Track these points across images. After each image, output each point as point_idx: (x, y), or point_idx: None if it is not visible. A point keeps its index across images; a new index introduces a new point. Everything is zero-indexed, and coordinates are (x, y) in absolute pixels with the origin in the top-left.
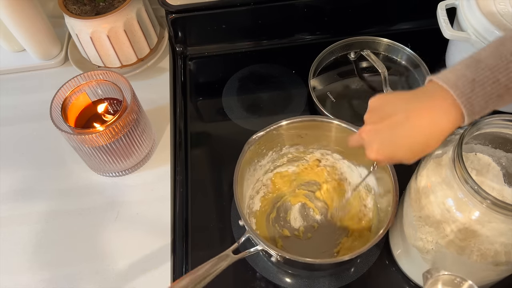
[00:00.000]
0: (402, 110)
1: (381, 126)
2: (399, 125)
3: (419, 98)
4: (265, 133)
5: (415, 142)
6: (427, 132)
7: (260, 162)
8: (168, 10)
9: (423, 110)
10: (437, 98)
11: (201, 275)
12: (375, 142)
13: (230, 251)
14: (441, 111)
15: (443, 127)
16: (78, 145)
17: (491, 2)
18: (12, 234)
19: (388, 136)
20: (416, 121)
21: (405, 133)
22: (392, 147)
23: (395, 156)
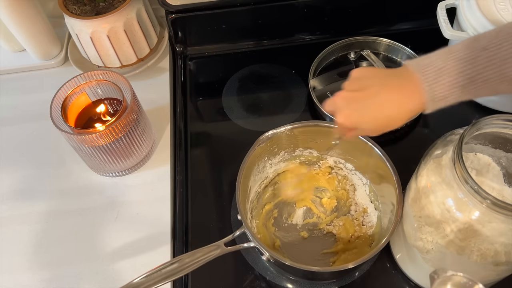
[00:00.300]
0: (376, 84)
1: (356, 95)
2: (370, 97)
3: (393, 77)
4: (278, 132)
5: (379, 115)
6: (392, 109)
7: (270, 160)
8: (168, 10)
9: (394, 88)
10: (407, 80)
11: (189, 261)
12: (346, 108)
13: (222, 242)
14: (407, 93)
15: (407, 108)
16: (78, 145)
17: (491, 2)
18: (12, 234)
19: (358, 105)
20: (385, 96)
21: (373, 105)
22: (359, 115)
23: (359, 124)
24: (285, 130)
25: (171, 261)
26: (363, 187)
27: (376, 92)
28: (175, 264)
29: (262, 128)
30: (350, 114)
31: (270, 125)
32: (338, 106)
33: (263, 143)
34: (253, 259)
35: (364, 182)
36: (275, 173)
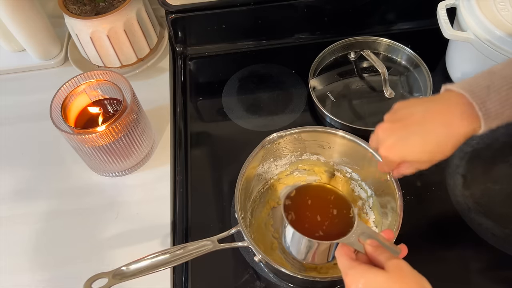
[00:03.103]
0: (419, 111)
1: (398, 125)
2: (414, 125)
3: (435, 102)
4: (285, 135)
5: (427, 143)
6: (440, 135)
7: (276, 162)
8: (168, 10)
9: (439, 112)
10: (452, 103)
11: (182, 253)
12: (389, 139)
13: (216, 238)
14: (456, 115)
15: (457, 132)
16: (78, 145)
17: (491, 2)
18: (12, 234)
19: (402, 135)
20: (431, 122)
21: (419, 133)
22: (405, 146)
23: (406, 156)
24: (292, 133)
25: (162, 251)
26: (365, 195)
27: (420, 119)
28: (167, 255)
29: (262, 128)
30: (394, 145)
31: (270, 125)
32: (380, 138)
33: (269, 144)
34: (253, 259)
35: (369, 194)
36: (280, 175)
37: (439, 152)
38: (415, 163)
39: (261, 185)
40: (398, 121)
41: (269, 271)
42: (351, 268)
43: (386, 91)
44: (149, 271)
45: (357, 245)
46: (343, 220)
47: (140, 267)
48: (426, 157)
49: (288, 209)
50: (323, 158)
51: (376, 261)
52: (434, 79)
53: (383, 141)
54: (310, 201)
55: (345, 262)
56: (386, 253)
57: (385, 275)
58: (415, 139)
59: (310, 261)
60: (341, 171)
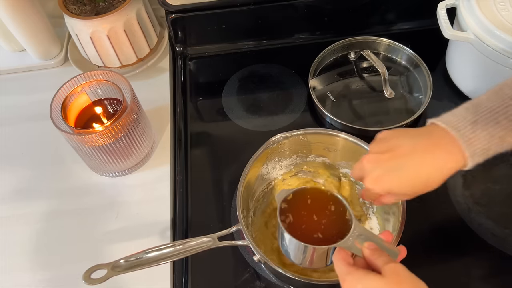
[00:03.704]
0: (407, 144)
1: (385, 157)
2: (403, 157)
3: (424, 136)
4: (291, 136)
5: (416, 176)
6: (430, 169)
7: (281, 162)
8: (168, 10)
9: (428, 147)
10: (441, 138)
11: (181, 249)
12: (375, 171)
13: (216, 236)
14: (446, 151)
15: (446, 167)
16: (78, 145)
17: (491, 2)
18: (12, 234)
19: (389, 167)
20: (420, 156)
21: (407, 167)
22: (392, 178)
23: (392, 188)
24: (298, 135)
25: (161, 246)
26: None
27: (408, 152)
28: (166, 250)
29: (262, 128)
30: (380, 178)
31: (270, 125)
32: (366, 169)
33: (274, 145)
34: (253, 259)
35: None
36: (285, 175)
37: (426, 186)
38: (401, 195)
39: (265, 185)
40: (385, 152)
41: (269, 272)
42: (348, 273)
43: (386, 91)
44: (148, 265)
45: (355, 249)
46: (341, 222)
47: (139, 261)
48: (413, 191)
49: (285, 213)
50: (328, 161)
51: (374, 265)
52: (434, 79)
53: (369, 172)
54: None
55: (342, 268)
56: (384, 257)
57: (382, 281)
58: (403, 173)
59: (307, 265)
60: (346, 174)
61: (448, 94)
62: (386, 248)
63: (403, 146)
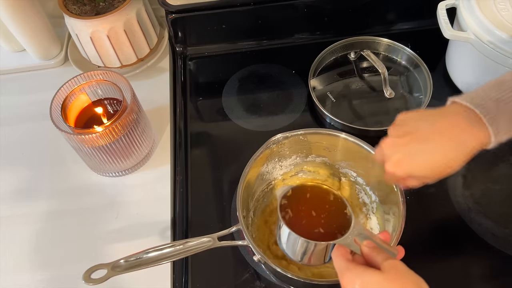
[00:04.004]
0: (426, 126)
1: (404, 140)
2: (422, 140)
3: (443, 116)
4: (291, 136)
5: (435, 159)
6: (450, 150)
7: (281, 162)
8: (168, 10)
9: (447, 127)
10: (461, 117)
11: (181, 249)
12: (395, 155)
13: (216, 235)
14: (465, 130)
15: (467, 147)
16: (78, 145)
17: (491, 2)
18: (12, 234)
19: (409, 150)
20: (439, 137)
21: (427, 149)
22: (412, 161)
23: (413, 171)
24: (298, 135)
25: (161, 246)
26: (369, 200)
27: (427, 134)
28: (166, 250)
29: (262, 128)
30: (401, 161)
31: (270, 125)
32: (385, 154)
33: (274, 145)
34: (253, 259)
35: (373, 199)
36: (285, 175)
37: (447, 167)
38: (423, 178)
39: (265, 185)
40: (403, 136)
41: (269, 272)
42: (347, 269)
43: (386, 91)
44: (148, 265)
45: (354, 246)
46: (340, 220)
47: (139, 261)
48: (434, 173)
49: (284, 209)
50: (329, 161)
51: (372, 262)
52: (434, 79)
53: (389, 157)
54: (306, 202)
55: (341, 263)
56: (383, 254)
57: (381, 276)
58: (423, 156)
59: (306, 262)
60: (346, 174)
61: (448, 94)
62: (385, 247)
63: (421, 129)
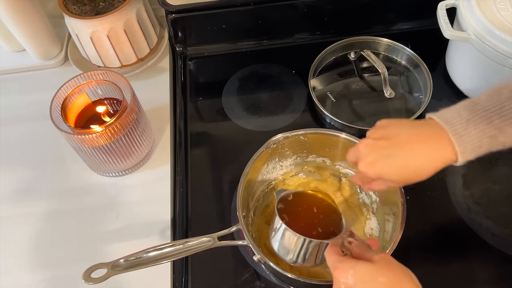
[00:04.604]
0: (403, 133)
1: (381, 143)
2: (397, 146)
3: (421, 127)
4: (291, 136)
5: (407, 166)
6: (422, 160)
7: (281, 162)
8: (168, 10)
9: (423, 138)
10: (436, 132)
11: (181, 248)
12: (370, 156)
13: (216, 235)
14: (439, 144)
15: (438, 160)
16: (78, 145)
17: (491, 2)
18: (12, 234)
19: (384, 153)
20: (415, 146)
21: (401, 155)
22: (385, 164)
23: (383, 174)
24: (298, 135)
25: (161, 245)
26: (369, 200)
27: (404, 141)
28: (166, 249)
29: (262, 128)
30: (374, 163)
31: (270, 125)
32: (361, 153)
33: (274, 145)
34: (253, 259)
35: (373, 199)
36: (285, 175)
37: (416, 175)
38: (389, 182)
39: (265, 185)
40: (381, 139)
41: (269, 272)
42: (340, 262)
43: (386, 91)
44: (148, 264)
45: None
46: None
47: (138, 260)
48: (403, 178)
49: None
50: (329, 161)
51: (363, 258)
52: (434, 79)
53: (364, 156)
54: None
55: (333, 257)
56: (372, 251)
57: (373, 265)
58: (396, 160)
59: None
60: (346, 175)
61: (448, 94)
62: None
63: (399, 136)
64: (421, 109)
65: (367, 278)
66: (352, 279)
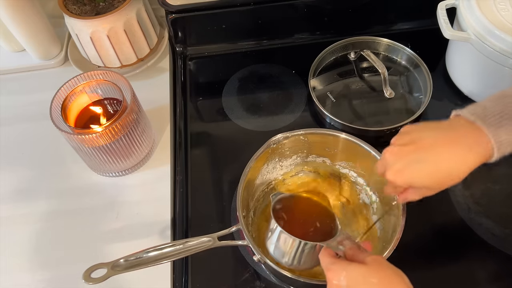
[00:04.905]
0: (429, 137)
1: (407, 149)
2: (425, 150)
3: (446, 128)
4: (291, 136)
5: (438, 170)
6: (452, 163)
7: (281, 162)
8: (168, 10)
9: (451, 139)
10: (464, 130)
11: (181, 248)
12: (397, 163)
13: (216, 235)
14: (468, 144)
15: (469, 160)
16: (78, 145)
17: (491, 2)
18: (12, 234)
19: (411, 159)
20: (442, 149)
21: (430, 159)
22: (413, 171)
23: (414, 181)
24: (298, 135)
25: (161, 245)
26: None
27: (431, 145)
28: (166, 249)
29: (262, 128)
30: (402, 170)
31: (270, 125)
32: (388, 162)
33: (274, 145)
34: (253, 259)
35: (373, 199)
36: (285, 175)
37: (449, 179)
38: (423, 189)
39: (265, 185)
40: (407, 145)
41: (269, 272)
42: (333, 263)
43: (386, 91)
44: (148, 264)
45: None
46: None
47: (138, 260)
48: (435, 183)
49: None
50: (329, 161)
51: (357, 260)
52: (434, 79)
53: (391, 165)
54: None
55: (327, 259)
56: (365, 253)
57: (365, 267)
58: (426, 166)
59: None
60: (346, 175)
61: (448, 94)
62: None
63: (425, 139)
64: (421, 109)
65: (359, 280)
66: (344, 281)
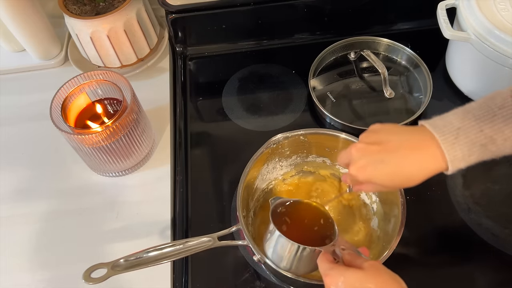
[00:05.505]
0: (395, 140)
1: (373, 148)
2: (389, 152)
3: (413, 135)
4: (291, 136)
5: (398, 173)
6: (412, 167)
7: (281, 162)
8: (168, 10)
9: (415, 146)
10: (427, 140)
11: (181, 248)
12: (362, 160)
13: (216, 235)
14: (430, 152)
15: (428, 168)
16: (78, 145)
17: (491, 2)
18: (12, 234)
19: (375, 158)
20: (406, 153)
21: (392, 161)
22: (376, 170)
23: (373, 179)
24: (298, 135)
25: (161, 245)
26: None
27: (396, 148)
28: (166, 249)
29: (262, 128)
30: (365, 167)
31: (270, 125)
32: (353, 157)
33: (274, 145)
34: (253, 259)
35: (373, 199)
36: (285, 175)
37: (406, 182)
38: (379, 186)
39: (265, 185)
40: (374, 144)
41: (269, 272)
42: (331, 269)
43: (386, 91)
44: (148, 264)
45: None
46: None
47: (138, 260)
48: (393, 184)
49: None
50: (329, 161)
51: (354, 265)
52: (434, 79)
53: (355, 160)
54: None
55: (325, 265)
56: (363, 258)
57: (362, 273)
58: (387, 166)
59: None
60: None
61: (448, 94)
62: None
63: (391, 141)
64: (421, 109)
65: (356, 285)
66: (342, 286)
